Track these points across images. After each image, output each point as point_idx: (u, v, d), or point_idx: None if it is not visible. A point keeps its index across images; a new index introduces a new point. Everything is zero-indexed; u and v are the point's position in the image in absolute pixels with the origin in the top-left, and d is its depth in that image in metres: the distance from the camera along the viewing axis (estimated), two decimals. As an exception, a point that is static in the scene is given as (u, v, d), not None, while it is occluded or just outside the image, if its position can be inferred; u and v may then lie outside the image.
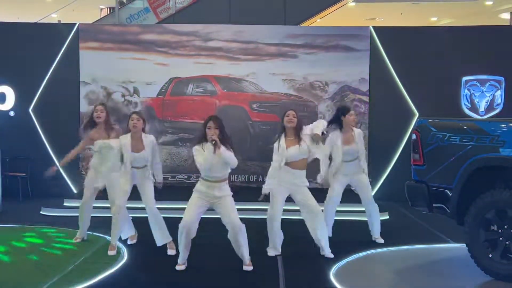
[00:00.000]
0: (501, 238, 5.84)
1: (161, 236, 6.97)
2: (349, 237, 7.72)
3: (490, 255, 5.87)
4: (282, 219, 6.94)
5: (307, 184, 6.73)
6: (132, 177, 6.92)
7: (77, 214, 7.49)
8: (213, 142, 5.79)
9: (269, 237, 6.94)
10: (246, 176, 11.06)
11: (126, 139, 6.87)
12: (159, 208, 7.08)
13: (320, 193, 7.21)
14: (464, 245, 6.16)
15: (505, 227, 5.81)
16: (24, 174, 10.84)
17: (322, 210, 6.99)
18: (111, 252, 6.78)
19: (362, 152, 7.36)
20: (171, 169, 11.12)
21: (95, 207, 7.60)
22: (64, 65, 11.16)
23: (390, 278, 6.18)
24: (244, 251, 6.18)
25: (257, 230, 7.27)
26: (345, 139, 7.29)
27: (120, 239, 7.18)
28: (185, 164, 11.11)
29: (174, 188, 10.81)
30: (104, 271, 5.99)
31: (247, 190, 10.14)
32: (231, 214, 6.07)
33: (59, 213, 9.39)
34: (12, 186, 10.61)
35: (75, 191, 11.16)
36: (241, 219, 6.17)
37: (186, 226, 6.02)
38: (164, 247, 6.97)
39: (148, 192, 6.97)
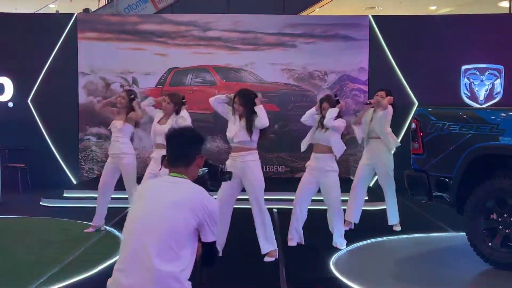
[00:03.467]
0: (500, 227, 5.84)
1: None
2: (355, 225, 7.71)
3: (490, 244, 5.87)
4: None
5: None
6: None
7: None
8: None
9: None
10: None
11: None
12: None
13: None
14: (464, 234, 6.16)
15: (505, 215, 5.81)
16: (23, 165, 10.83)
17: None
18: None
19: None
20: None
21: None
22: (62, 56, 11.14)
23: (390, 267, 6.18)
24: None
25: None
26: None
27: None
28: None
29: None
30: (104, 262, 6.00)
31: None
32: None
33: (59, 204, 9.38)
34: (11, 177, 10.61)
35: (74, 182, 11.16)
36: (238, 209, 6.17)
37: None
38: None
39: None
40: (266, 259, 6.15)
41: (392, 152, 7.65)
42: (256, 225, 6.18)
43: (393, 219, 7.64)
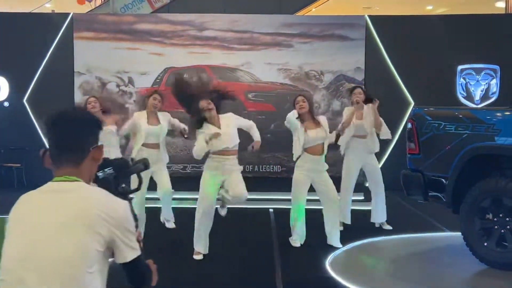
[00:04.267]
0: (496, 227, 5.86)
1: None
2: (345, 225, 7.72)
3: (486, 244, 5.88)
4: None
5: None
6: None
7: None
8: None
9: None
10: (241, 166, 11.03)
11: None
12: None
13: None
14: (460, 233, 6.18)
15: (501, 215, 5.83)
16: (19, 165, 10.81)
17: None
18: None
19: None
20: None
21: None
22: (58, 55, 11.11)
23: (386, 267, 6.19)
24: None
25: (258, 221, 7.28)
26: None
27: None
28: (181, 154, 11.09)
29: (170, 179, 10.81)
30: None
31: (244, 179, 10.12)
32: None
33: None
34: (7, 177, 10.57)
35: (70, 181, 11.14)
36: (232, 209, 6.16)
37: None
38: (161, 237, 6.97)
39: None
40: None
41: (377, 150, 7.64)
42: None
43: (384, 216, 7.64)
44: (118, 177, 2.35)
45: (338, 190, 7.06)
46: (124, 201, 2.17)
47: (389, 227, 7.61)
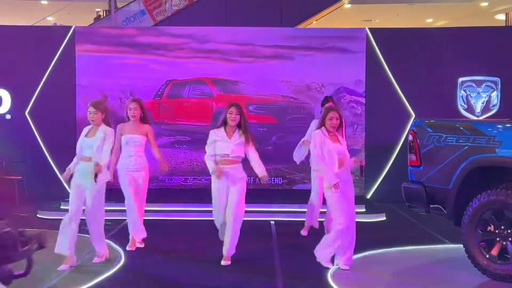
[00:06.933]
0: (498, 239, 5.85)
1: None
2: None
3: (487, 256, 5.87)
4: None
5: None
6: None
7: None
8: None
9: None
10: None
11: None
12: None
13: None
14: (461, 245, 6.16)
15: (502, 227, 5.82)
16: (20, 177, 10.81)
17: None
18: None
19: None
20: (168, 172, 11.09)
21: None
22: (60, 68, 11.15)
23: (388, 279, 6.17)
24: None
25: (259, 233, 7.27)
26: None
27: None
28: (182, 166, 11.10)
29: (171, 191, 10.83)
30: (101, 275, 5.99)
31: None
32: None
33: (56, 216, 9.33)
34: (8, 189, 10.57)
35: (71, 194, 11.13)
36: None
37: None
38: (163, 248, 6.95)
39: None
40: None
41: None
42: None
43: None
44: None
45: None
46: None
47: None
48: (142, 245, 7.17)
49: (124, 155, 7.01)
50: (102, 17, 15.60)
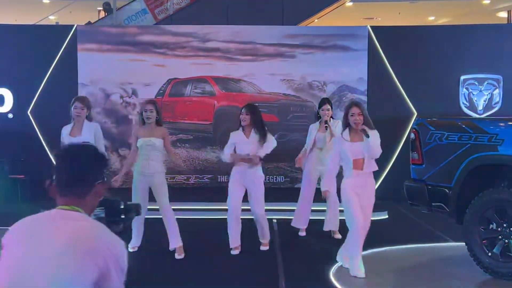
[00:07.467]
0: (500, 237, 5.85)
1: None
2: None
3: (490, 254, 5.87)
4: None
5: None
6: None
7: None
8: None
9: None
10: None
11: None
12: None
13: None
14: (464, 244, 6.17)
15: (504, 225, 5.82)
16: (23, 176, 10.83)
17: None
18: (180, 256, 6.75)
19: None
20: (170, 170, 11.09)
21: None
22: (62, 67, 11.15)
23: (390, 278, 6.18)
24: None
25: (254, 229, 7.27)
26: None
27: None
28: (184, 165, 11.11)
29: (173, 189, 10.82)
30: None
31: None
32: None
33: (58, 215, 9.37)
34: (11, 188, 10.59)
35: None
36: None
37: None
38: (163, 247, 6.97)
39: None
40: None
41: None
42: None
43: (337, 224, 7.69)
44: (108, 222, 2.37)
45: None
46: (121, 240, 2.21)
47: (339, 236, 7.55)
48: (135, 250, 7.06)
49: (140, 158, 6.80)
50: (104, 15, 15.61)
